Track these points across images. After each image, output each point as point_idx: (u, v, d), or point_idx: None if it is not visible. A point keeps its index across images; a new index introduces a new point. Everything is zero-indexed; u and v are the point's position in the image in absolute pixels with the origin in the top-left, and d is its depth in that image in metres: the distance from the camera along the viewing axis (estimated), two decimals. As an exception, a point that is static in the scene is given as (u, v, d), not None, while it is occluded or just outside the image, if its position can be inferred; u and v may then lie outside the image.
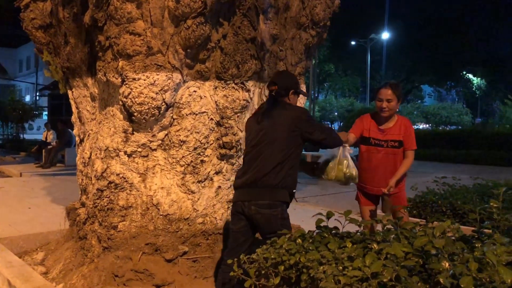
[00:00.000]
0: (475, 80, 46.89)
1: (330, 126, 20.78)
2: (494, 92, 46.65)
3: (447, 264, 1.82)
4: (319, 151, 15.48)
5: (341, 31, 30.99)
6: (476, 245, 2.11)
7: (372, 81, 38.55)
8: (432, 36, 36.83)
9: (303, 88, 4.41)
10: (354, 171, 3.57)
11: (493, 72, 43.24)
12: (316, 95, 29.92)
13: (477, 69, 44.15)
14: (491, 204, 2.32)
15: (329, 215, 2.44)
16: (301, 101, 4.41)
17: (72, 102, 4.41)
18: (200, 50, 3.50)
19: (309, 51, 4.39)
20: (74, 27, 3.84)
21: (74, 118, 4.44)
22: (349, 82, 41.03)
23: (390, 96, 3.68)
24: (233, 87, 3.73)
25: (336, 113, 37.82)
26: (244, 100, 3.78)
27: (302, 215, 5.51)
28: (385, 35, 35.32)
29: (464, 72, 45.23)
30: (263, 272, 2.37)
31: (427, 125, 34.79)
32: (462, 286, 1.64)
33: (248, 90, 3.82)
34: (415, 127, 35.12)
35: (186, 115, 3.58)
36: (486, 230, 2.46)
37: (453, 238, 2.22)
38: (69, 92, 4.40)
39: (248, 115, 3.97)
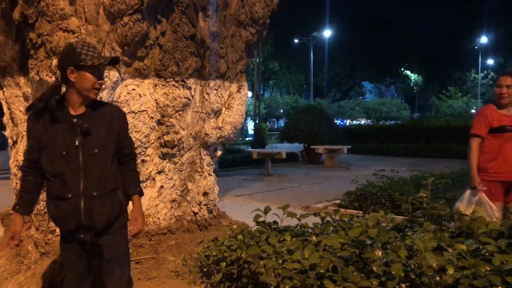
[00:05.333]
0: (413, 76, 49.04)
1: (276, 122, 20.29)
2: (430, 87, 49.02)
3: (380, 253, 1.90)
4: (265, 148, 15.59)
5: (285, 29, 31.38)
6: (408, 234, 2.22)
7: (315, 78, 39.35)
8: (371, 34, 38.15)
9: (244, 86, 4.42)
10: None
11: (429, 68, 45.40)
12: (262, 92, 30.13)
13: (414, 66, 46.19)
14: (421, 193, 2.45)
15: (266, 210, 2.47)
16: (243, 98, 4.43)
17: (3, 102, 4.19)
18: (138, 48, 3.43)
19: (250, 48, 4.42)
20: (3, 24, 3.65)
21: (6, 119, 4.22)
22: (293, 80, 41.61)
23: (510, 82, 3.74)
24: (174, 85, 3.69)
25: (281, 110, 38.27)
26: (185, 97, 3.75)
27: (248, 211, 5.54)
28: (327, 33, 36.15)
29: (402, 69, 47.21)
30: (205, 270, 2.38)
31: (368, 120, 35.94)
32: (392, 272, 1.72)
33: (189, 88, 3.79)
34: (357, 122, 36.25)
35: (126, 113, 3.50)
36: (418, 219, 2.59)
37: (388, 228, 2.32)
38: (0, 92, 4.18)
39: (189, 113, 3.94)
